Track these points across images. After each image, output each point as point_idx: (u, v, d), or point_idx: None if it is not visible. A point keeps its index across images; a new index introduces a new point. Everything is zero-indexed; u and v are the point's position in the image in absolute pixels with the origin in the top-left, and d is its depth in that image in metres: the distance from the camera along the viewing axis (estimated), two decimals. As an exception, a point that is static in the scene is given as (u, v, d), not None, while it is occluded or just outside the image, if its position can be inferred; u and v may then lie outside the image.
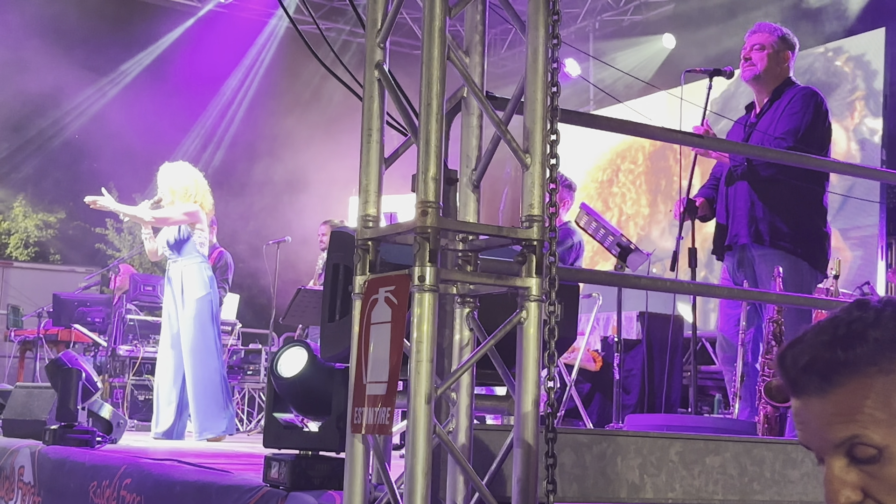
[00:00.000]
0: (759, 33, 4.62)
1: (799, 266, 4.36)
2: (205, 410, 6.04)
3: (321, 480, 2.63)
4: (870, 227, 8.57)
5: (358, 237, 2.04)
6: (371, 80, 2.06)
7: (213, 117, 13.74)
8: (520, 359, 1.94)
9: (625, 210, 11.43)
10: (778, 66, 4.60)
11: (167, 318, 6.21)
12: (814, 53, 9.35)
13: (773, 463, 2.72)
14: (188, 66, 12.86)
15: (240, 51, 13.23)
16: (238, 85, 13.51)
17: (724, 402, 6.17)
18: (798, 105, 4.48)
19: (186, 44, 12.90)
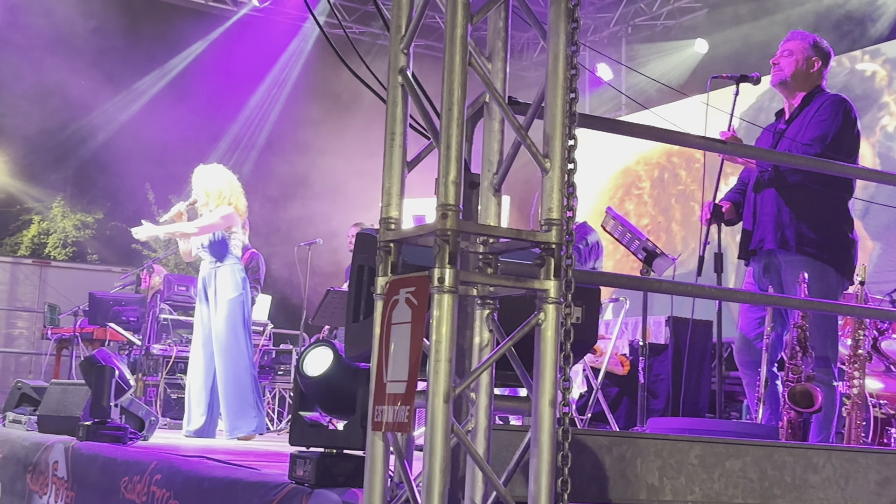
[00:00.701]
0: (791, 41, 4.64)
1: (825, 272, 4.35)
2: (235, 410, 6.12)
3: (345, 478, 2.67)
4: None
5: (380, 239, 2.08)
6: (395, 85, 2.10)
7: (247, 120, 13.87)
8: (537, 360, 1.97)
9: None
10: (806, 73, 4.60)
11: (199, 318, 6.30)
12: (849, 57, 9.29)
13: (793, 467, 2.73)
14: (223, 69, 13.00)
15: (274, 54, 13.35)
16: (272, 87, 13.63)
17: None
18: (827, 112, 4.48)
19: (221, 47, 13.04)
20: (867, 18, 9.36)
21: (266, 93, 13.67)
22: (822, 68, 4.64)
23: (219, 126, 14.03)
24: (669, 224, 11.17)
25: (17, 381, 5.79)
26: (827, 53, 4.69)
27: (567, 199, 1.96)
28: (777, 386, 4.26)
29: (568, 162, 1.97)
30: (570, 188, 1.97)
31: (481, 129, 2.29)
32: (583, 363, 6.58)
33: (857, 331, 4.48)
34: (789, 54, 4.59)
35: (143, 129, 13.45)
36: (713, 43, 11.00)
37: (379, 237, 2.09)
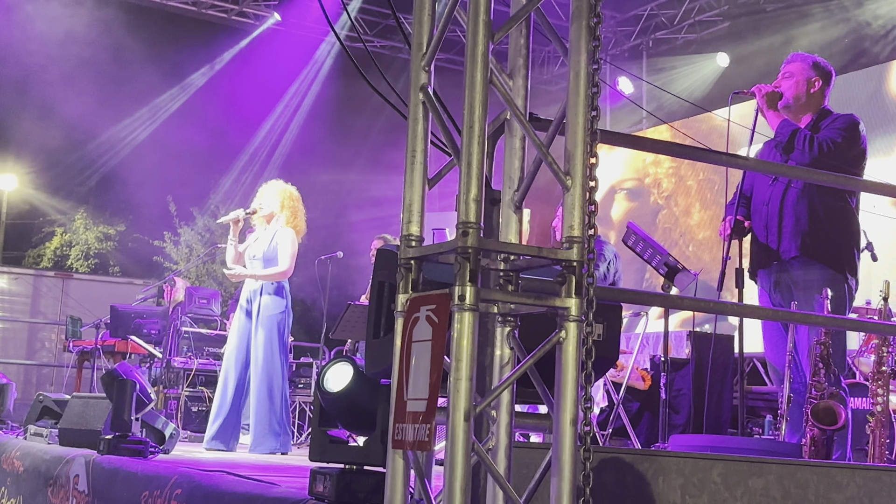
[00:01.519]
0: (791, 63, 4.70)
1: (839, 285, 4.38)
2: (264, 427, 6.15)
3: (365, 494, 2.67)
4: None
5: (401, 256, 2.08)
6: (416, 103, 2.11)
7: (268, 133, 13.94)
8: (558, 378, 1.96)
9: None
10: (808, 94, 4.64)
11: (236, 332, 6.34)
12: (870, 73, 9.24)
13: (816, 486, 2.70)
14: (244, 84, 13.08)
15: (298, 66, 13.41)
16: (293, 101, 13.69)
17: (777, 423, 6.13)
18: (842, 123, 4.54)
19: (242, 62, 13.12)
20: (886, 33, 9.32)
21: (287, 106, 13.74)
22: (823, 87, 4.66)
23: (240, 139, 14.11)
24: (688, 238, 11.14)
25: (39, 393, 5.82)
26: (828, 73, 4.71)
27: (588, 217, 1.96)
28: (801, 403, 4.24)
29: (589, 180, 1.96)
30: (592, 206, 1.97)
31: (502, 146, 2.29)
32: (604, 378, 6.55)
33: (881, 347, 4.44)
34: (790, 76, 4.64)
35: (165, 141, 13.54)
36: (735, 57, 10.97)
37: (400, 254, 2.09)
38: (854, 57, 9.29)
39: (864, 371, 5.27)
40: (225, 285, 14.75)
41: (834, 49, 9.24)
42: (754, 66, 10.19)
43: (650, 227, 11.17)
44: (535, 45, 12.85)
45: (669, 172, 11.52)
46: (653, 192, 11.78)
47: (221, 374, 6.41)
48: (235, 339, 6.34)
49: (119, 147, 14.35)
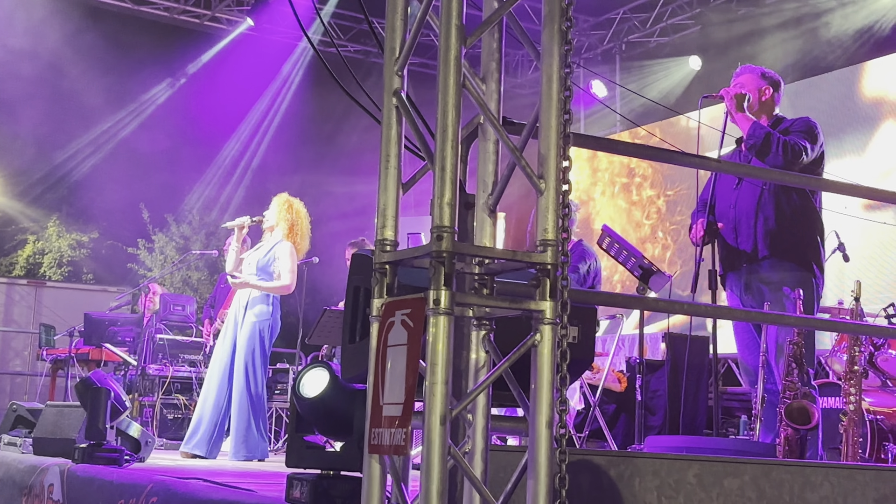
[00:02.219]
0: (741, 75, 4.85)
1: (807, 284, 4.44)
2: (242, 434, 6.14)
3: (342, 500, 2.66)
4: None
5: (375, 261, 2.08)
6: (389, 107, 2.11)
7: (242, 139, 13.90)
8: (534, 381, 1.96)
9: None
10: (759, 102, 4.76)
11: (222, 337, 6.38)
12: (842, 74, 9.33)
13: (791, 485, 2.72)
14: (218, 89, 13.03)
15: (272, 72, 13.37)
16: (267, 107, 13.65)
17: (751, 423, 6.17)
18: (801, 126, 4.66)
19: (216, 67, 13.07)
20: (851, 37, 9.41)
21: (261, 112, 13.70)
22: (773, 94, 4.81)
23: (214, 145, 14.05)
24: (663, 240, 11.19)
25: (13, 402, 5.77)
26: (777, 81, 4.87)
27: (562, 220, 1.96)
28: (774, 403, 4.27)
29: (563, 183, 1.97)
30: (565, 209, 1.97)
31: (476, 150, 2.29)
32: (580, 380, 6.57)
33: (852, 347, 4.49)
34: (741, 87, 4.77)
35: (139, 148, 13.47)
36: (707, 60, 11.04)
37: (374, 259, 2.09)
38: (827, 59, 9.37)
39: (837, 371, 5.32)
40: (200, 291, 14.68)
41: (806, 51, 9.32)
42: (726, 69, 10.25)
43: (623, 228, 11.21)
44: (509, 50, 12.89)
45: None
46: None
47: (206, 380, 6.45)
48: (221, 345, 6.36)
49: (92, 154, 14.25)
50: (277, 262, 6.40)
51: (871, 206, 8.25)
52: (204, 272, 15.20)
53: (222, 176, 14.34)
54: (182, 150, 13.54)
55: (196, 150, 13.80)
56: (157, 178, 13.81)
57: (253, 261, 6.46)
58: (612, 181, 12.00)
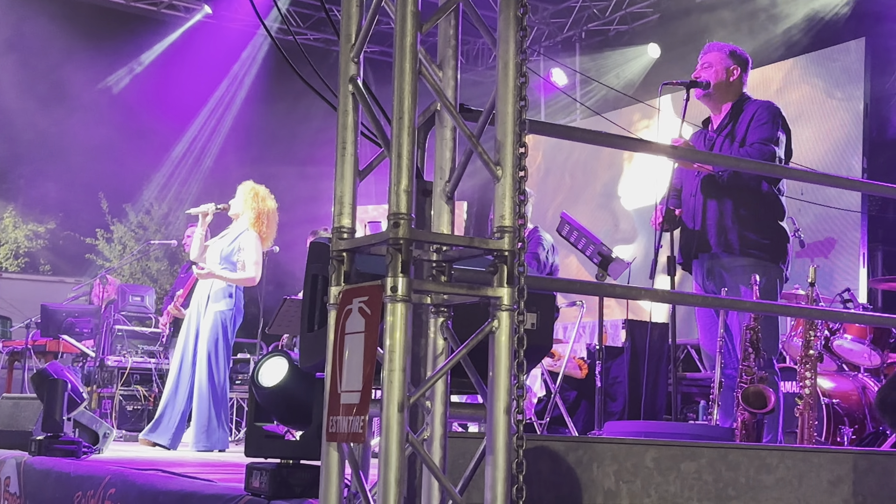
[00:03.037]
0: (708, 53, 4.82)
1: (768, 270, 4.48)
2: (203, 424, 6.10)
3: (302, 489, 2.66)
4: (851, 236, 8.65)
5: (333, 248, 2.07)
6: (345, 94, 2.10)
7: (201, 128, 13.77)
8: (492, 368, 1.97)
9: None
10: (727, 83, 4.74)
11: (185, 328, 6.33)
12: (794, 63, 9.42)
13: (747, 468, 2.76)
14: (177, 76, 12.90)
15: (230, 60, 13.26)
16: (225, 95, 13.54)
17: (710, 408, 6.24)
18: (766, 117, 4.63)
19: (173, 55, 12.93)
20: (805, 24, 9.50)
21: (219, 101, 13.58)
22: (741, 75, 4.77)
23: (172, 134, 13.91)
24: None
25: (-32, 395, 5.69)
26: (745, 60, 4.83)
27: (519, 207, 1.97)
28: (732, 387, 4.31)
29: (519, 169, 1.97)
30: (522, 195, 1.98)
31: (434, 137, 2.29)
32: (541, 367, 6.60)
33: (808, 331, 4.54)
34: (709, 66, 4.75)
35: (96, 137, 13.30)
36: (666, 47, 11.10)
37: (331, 246, 2.08)
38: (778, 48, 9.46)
39: (794, 355, 5.39)
40: (160, 282, 14.55)
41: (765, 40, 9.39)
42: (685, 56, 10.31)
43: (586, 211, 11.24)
44: (468, 38, 12.87)
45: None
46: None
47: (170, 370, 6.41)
48: (184, 335, 6.32)
49: (48, 143, 14.05)
50: (242, 252, 6.35)
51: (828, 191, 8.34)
52: (164, 262, 15.07)
53: (181, 165, 14.21)
54: (140, 139, 13.39)
55: (154, 140, 13.66)
56: (116, 167, 13.66)
57: (217, 249, 6.40)
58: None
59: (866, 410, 5.41)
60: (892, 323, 5.26)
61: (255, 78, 13.33)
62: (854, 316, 5.21)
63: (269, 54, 13.12)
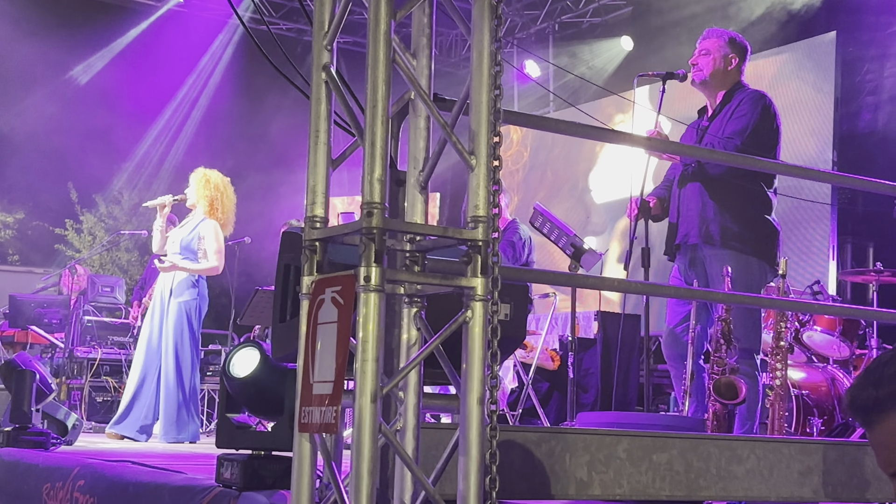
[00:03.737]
0: (707, 39, 4.70)
1: (749, 264, 4.45)
2: (172, 416, 6.06)
3: (273, 480, 2.64)
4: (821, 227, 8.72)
5: (305, 238, 2.06)
6: (318, 82, 2.08)
7: (173, 116, 13.66)
8: (465, 358, 1.96)
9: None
10: (725, 71, 4.67)
11: (149, 319, 6.28)
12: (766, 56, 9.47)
13: (718, 459, 2.77)
14: (148, 65, 12.78)
15: (201, 48, 13.15)
16: (197, 84, 13.43)
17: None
18: (746, 107, 4.57)
19: (144, 43, 12.81)
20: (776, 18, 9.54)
21: (190, 90, 13.47)
22: (739, 64, 4.70)
23: (143, 123, 13.79)
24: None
25: (-65, 387, 5.62)
26: (744, 49, 4.75)
27: (493, 196, 1.96)
28: (703, 378, 4.32)
29: (493, 159, 1.97)
30: (496, 185, 1.97)
31: (407, 127, 2.27)
32: (513, 359, 6.61)
33: (778, 323, 4.57)
34: (707, 53, 4.66)
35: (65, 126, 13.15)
36: (638, 40, 11.13)
37: (304, 236, 2.07)
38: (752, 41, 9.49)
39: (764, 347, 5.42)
40: (130, 273, 14.44)
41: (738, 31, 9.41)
42: (658, 48, 10.34)
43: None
44: (441, 30, 12.84)
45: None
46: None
47: (133, 363, 6.36)
48: (148, 327, 6.27)
49: (15, 133, 13.89)
50: (202, 241, 6.30)
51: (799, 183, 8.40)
52: (134, 253, 14.95)
53: (152, 155, 14.09)
54: (111, 129, 13.25)
55: (125, 129, 13.53)
56: (85, 157, 13.51)
57: (177, 239, 6.35)
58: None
59: (835, 402, 5.46)
60: (861, 315, 5.30)
61: (226, 68, 13.24)
62: (824, 308, 5.26)
63: (241, 44, 13.03)
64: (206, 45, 13.11)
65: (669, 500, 2.69)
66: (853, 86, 9.08)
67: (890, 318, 3.95)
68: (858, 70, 9.09)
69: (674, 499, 2.70)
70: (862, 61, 9.05)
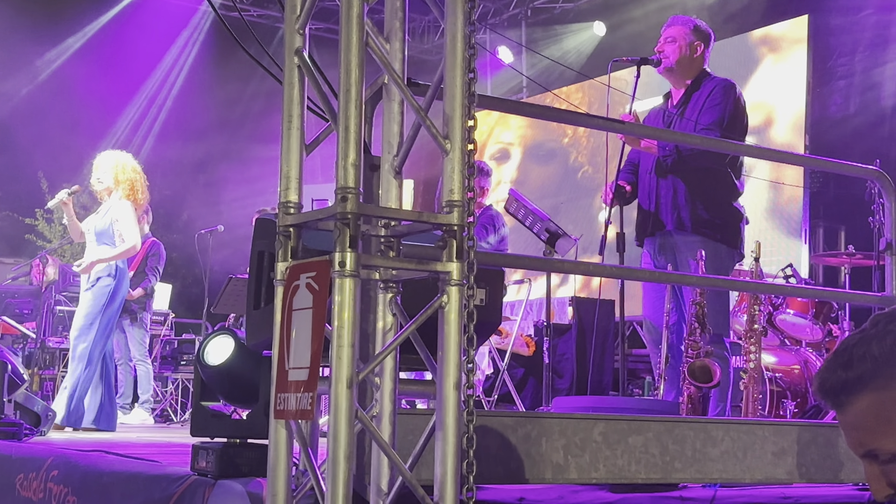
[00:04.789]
0: (672, 27, 4.75)
1: (717, 250, 4.50)
2: (73, 399, 5.92)
3: (249, 468, 2.63)
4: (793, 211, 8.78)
5: (279, 224, 2.04)
6: (291, 67, 2.06)
7: (144, 103, 13.53)
8: (441, 343, 1.96)
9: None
10: (691, 58, 4.71)
11: (77, 313, 6.19)
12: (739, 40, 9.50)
13: (693, 441, 2.78)
14: (118, 52, 12.66)
15: (171, 35, 13.04)
16: (169, 71, 13.32)
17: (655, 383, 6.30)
18: (719, 97, 4.61)
19: (116, 29, 12.68)
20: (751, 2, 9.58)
21: (163, 76, 13.36)
22: (704, 51, 4.74)
23: (114, 111, 13.66)
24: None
25: None
26: (708, 35, 4.79)
27: (468, 180, 1.95)
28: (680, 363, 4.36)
29: (468, 142, 1.96)
30: (471, 169, 1.96)
31: (381, 112, 2.26)
32: (488, 345, 6.62)
33: (752, 306, 4.60)
34: (672, 41, 4.69)
35: (35, 114, 13.02)
36: (611, 26, 11.14)
37: (278, 222, 2.05)
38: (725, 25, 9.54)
39: (738, 330, 5.46)
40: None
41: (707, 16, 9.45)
42: (630, 34, 10.36)
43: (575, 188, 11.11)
44: (414, 16, 12.78)
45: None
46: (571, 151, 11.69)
47: None
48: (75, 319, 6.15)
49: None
50: (118, 223, 6.14)
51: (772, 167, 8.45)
52: (105, 243, 14.83)
53: (123, 143, 13.95)
54: (81, 116, 13.12)
55: (96, 117, 13.40)
56: (55, 146, 13.38)
57: (91, 226, 6.20)
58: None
59: (808, 384, 5.51)
60: (833, 297, 5.35)
61: (197, 55, 13.14)
62: (797, 290, 5.30)
63: (212, 31, 12.94)
64: (177, 33, 13.01)
65: (645, 483, 2.71)
66: (825, 70, 9.13)
67: (862, 300, 3.99)
68: (830, 54, 9.13)
69: (650, 481, 2.71)
70: (833, 45, 9.10)
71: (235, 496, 2.47)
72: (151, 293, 8.57)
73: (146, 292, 8.49)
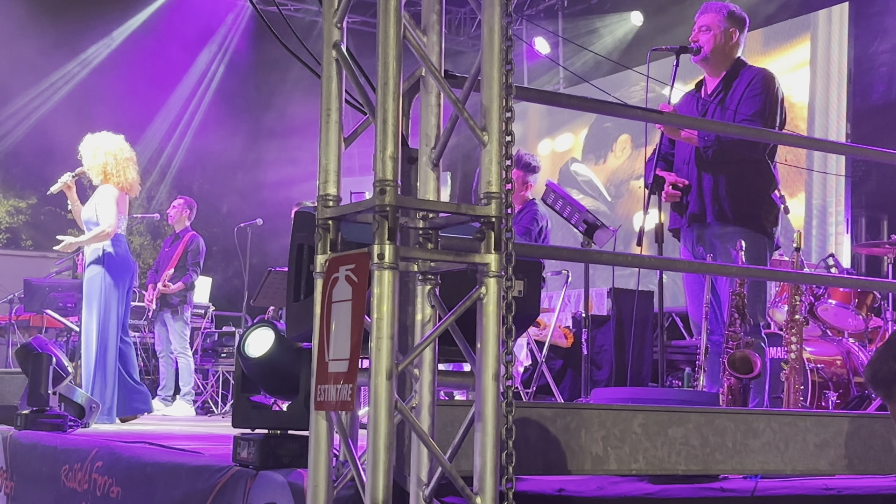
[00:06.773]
0: (705, 14, 4.66)
1: (757, 240, 4.46)
2: (121, 392, 5.93)
3: (290, 459, 2.65)
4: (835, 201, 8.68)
5: (318, 217, 2.06)
6: (329, 60, 2.07)
7: (184, 98, 13.65)
8: (479, 334, 1.96)
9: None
10: (725, 46, 4.64)
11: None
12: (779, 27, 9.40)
13: (734, 433, 2.77)
14: (157, 47, 12.78)
15: (210, 30, 13.14)
16: (208, 65, 13.42)
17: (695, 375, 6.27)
18: (759, 88, 4.55)
19: (155, 25, 12.80)
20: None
21: (203, 71, 13.46)
22: (739, 37, 4.67)
23: (154, 106, 13.79)
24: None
25: (-47, 371, 5.66)
26: (743, 20, 4.70)
27: (506, 172, 1.95)
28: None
29: (506, 134, 1.96)
30: (509, 160, 1.96)
31: (418, 104, 2.27)
32: (527, 336, 6.60)
33: (793, 296, 4.56)
34: (707, 30, 4.62)
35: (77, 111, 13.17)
36: (648, 14, 11.05)
37: (317, 215, 2.07)
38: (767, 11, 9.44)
39: (779, 321, 5.41)
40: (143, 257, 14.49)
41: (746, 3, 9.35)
42: (668, 23, 10.27)
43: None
44: (450, 8, 12.76)
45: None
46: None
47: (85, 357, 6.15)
48: None
49: (26, 118, 13.91)
50: (99, 207, 6.07)
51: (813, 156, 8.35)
52: (146, 237, 14.99)
53: (162, 138, 14.11)
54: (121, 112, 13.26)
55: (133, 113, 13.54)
56: (96, 142, 13.52)
57: (83, 216, 6.22)
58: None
59: (850, 375, 5.45)
60: (876, 287, 5.29)
61: (235, 50, 13.23)
62: (839, 280, 5.24)
63: (250, 25, 13.01)
64: (217, 28, 13.09)
65: (685, 474, 2.69)
66: (866, 58, 9.00)
67: (905, 291, 3.93)
68: (871, 42, 9.00)
69: (690, 473, 2.70)
70: (874, 33, 8.97)
71: (277, 487, 2.49)
72: (192, 287, 8.67)
73: (186, 286, 8.59)
